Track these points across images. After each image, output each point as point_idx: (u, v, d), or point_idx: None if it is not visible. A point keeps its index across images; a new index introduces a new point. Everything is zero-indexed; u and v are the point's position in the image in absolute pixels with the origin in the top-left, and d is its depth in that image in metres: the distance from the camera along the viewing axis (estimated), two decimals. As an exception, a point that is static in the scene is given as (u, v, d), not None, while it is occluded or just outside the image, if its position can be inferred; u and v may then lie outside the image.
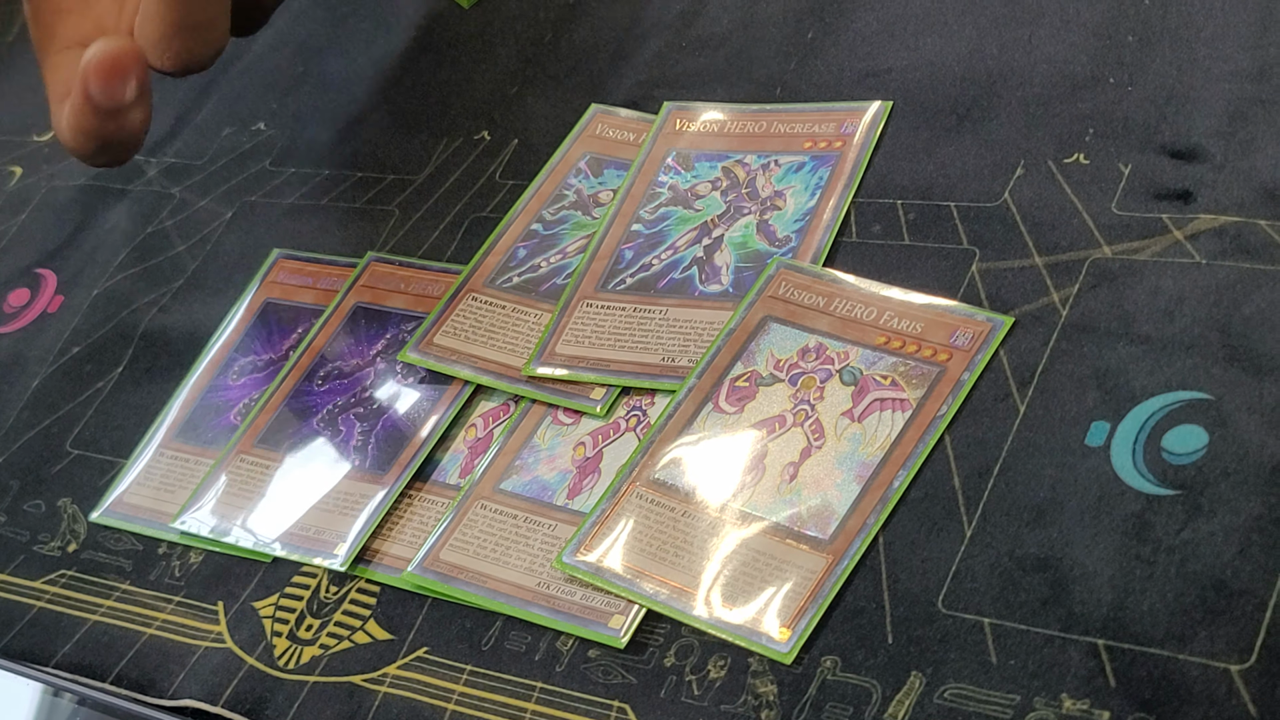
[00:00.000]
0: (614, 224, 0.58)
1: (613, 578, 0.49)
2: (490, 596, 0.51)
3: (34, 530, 0.63)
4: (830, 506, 0.48)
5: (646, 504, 0.51)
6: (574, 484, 0.53)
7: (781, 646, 0.46)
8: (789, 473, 0.49)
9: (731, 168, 0.59)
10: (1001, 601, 0.44)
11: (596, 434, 0.54)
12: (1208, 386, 0.45)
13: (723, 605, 0.48)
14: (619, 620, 0.49)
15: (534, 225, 0.60)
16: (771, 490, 0.49)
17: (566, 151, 0.63)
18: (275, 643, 0.54)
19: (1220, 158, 0.51)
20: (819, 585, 0.47)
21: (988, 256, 0.52)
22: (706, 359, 0.53)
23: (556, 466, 0.53)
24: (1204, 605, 0.42)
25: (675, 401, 0.53)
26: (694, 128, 0.61)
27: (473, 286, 0.59)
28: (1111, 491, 0.45)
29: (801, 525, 0.48)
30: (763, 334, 0.53)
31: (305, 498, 0.57)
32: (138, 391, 0.66)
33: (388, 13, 0.76)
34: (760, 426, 0.51)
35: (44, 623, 0.59)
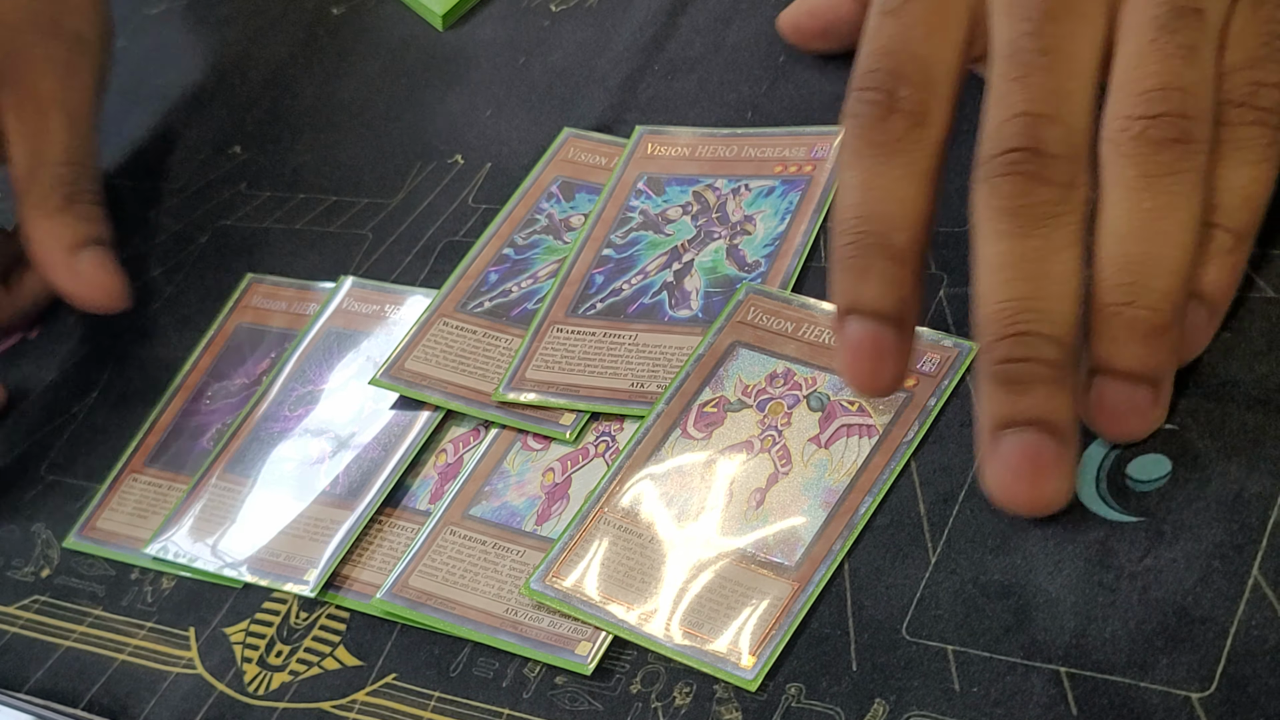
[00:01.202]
0: (585, 248, 0.59)
1: (580, 604, 0.49)
2: (458, 623, 0.51)
3: (8, 556, 0.63)
4: (796, 533, 0.48)
5: (614, 530, 0.51)
6: (542, 510, 0.53)
7: (747, 674, 0.46)
8: (756, 499, 0.50)
9: (702, 192, 0.59)
10: (965, 628, 0.44)
11: (565, 459, 0.54)
12: (1171, 415, 0.46)
13: (689, 632, 0.48)
14: (585, 647, 0.49)
15: (505, 250, 0.60)
16: (738, 517, 0.49)
17: (538, 176, 0.63)
18: (245, 668, 0.54)
19: (1186, 183, 0.51)
20: (784, 612, 0.47)
21: (955, 281, 0.52)
22: (675, 384, 0.53)
23: (525, 492, 0.54)
24: (1166, 632, 0.42)
25: (644, 427, 0.53)
26: (665, 152, 0.61)
27: (444, 311, 0.59)
28: (1075, 518, 0.45)
29: (768, 552, 0.48)
30: (731, 359, 0.53)
31: (275, 523, 0.57)
32: (113, 416, 0.66)
33: (362, 36, 0.76)
34: (728, 452, 0.51)
35: (17, 648, 0.59)
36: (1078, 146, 0.43)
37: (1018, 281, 0.42)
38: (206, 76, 0.78)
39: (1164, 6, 0.44)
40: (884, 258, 0.44)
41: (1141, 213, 0.42)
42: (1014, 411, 0.43)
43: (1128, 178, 0.42)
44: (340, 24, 0.77)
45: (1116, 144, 0.43)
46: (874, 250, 0.44)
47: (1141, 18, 0.44)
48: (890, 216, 0.44)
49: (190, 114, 0.77)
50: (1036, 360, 0.42)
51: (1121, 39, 0.44)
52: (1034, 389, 0.42)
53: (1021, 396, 0.42)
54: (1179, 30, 0.43)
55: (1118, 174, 0.42)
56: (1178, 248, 0.42)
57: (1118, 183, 0.42)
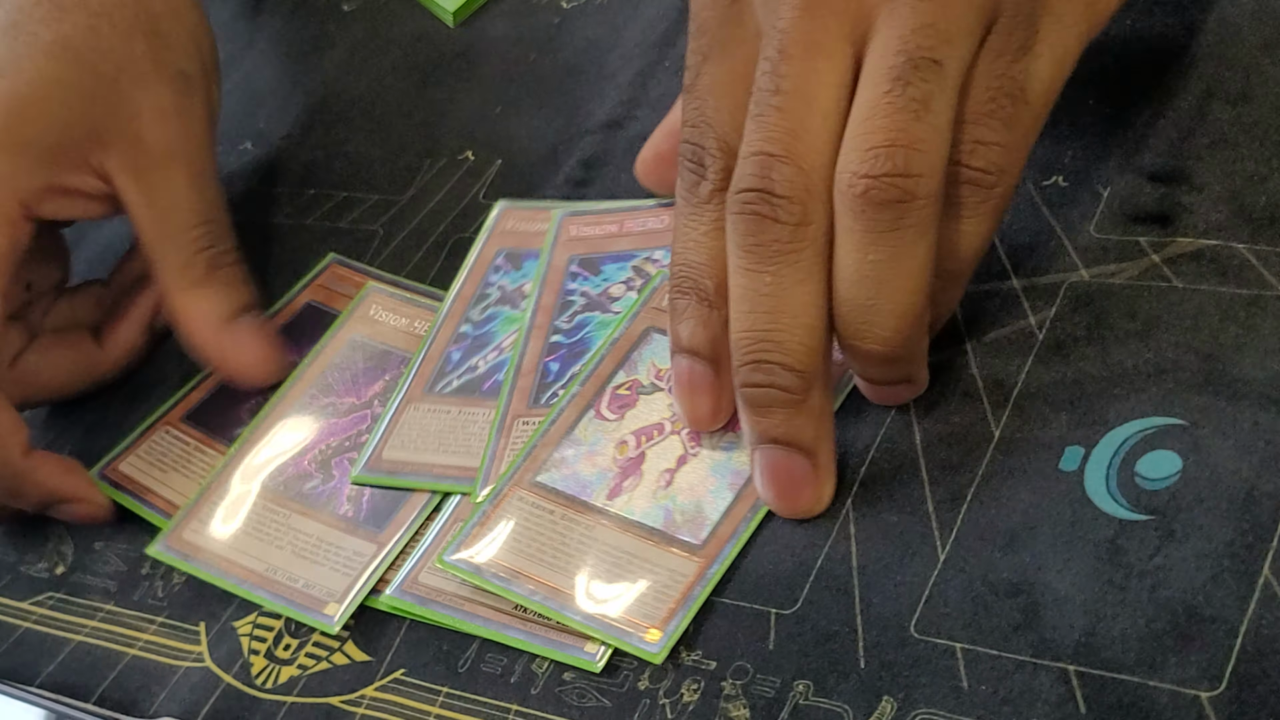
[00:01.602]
0: (531, 338, 0.57)
1: (491, 576, 0.50)
2: (467, 619, 0.51)
3: (21, 551, 0.63)
4: (703, 512, 0.50)
5: (527, 506, 0.52)
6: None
7: (652, 647, 0.47)
8: (665, 479, 0.51)
9: (642, 265, 0.58)
10: (974, 626, 0.44)
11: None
12: (1182, 412, 0.45)
13: (596, 606, 0.49)
14: (594, 645, 0.49)
15: (463, 328, 0.60)
16: (648, 495, 0.51)
17: (480, 251, 0.62)
18: (253, 661, 0.54)
19: (1200, 180, 0.51)
20: (689, 588, 0.48)
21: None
22: (590, 367, 0.54)
23: None
24: (1175, 631, 0.42)
25: (558, 408, 0.54)
26: (592, 232, 0.60)
27: (412, 397, 0.58)
28: (1085, 516, 0.45)
29: (675, 530, 0.50)
30: (645, 344, 0.54)
31: (289, 540, 0.56)
32: (131, 411, 0.66)
33: (373, 32, 0.76)
34: (639, 433, 0.52)
35: (30, 643, 0.59)
36: (811, 186, 0.45)
37: (756, 314, 0.46)
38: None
39: (901, 56, 0.45)
40: (696, 301, 0.48)
41: (868, 264, 0.45)
42: (761, 430, 0.47)
43: (855, 232, 0.45)
44: (351, 20, 0.77)
45: (844, 198, 0.45)
46: (689, 295, 0.48)
47: (880, 65, 0.45)
48: (700, 265, 0.48)
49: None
50: (773, 386, 0.46)
51: (861, 85, 0.46)
52: (774, 412, 0.47)
53: (765, 418, 0.47)
54: (913, 83, 0.44)
55: (847, 226, 0.45)
56: (904, 293, 0.45)
57: (847, 234, 0.45)
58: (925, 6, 0.45)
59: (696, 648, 0.48)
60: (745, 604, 0.48)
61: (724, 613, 0.48)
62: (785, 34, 0.46)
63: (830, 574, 0.47)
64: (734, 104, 0.48)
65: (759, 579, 0.48)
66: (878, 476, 0.49)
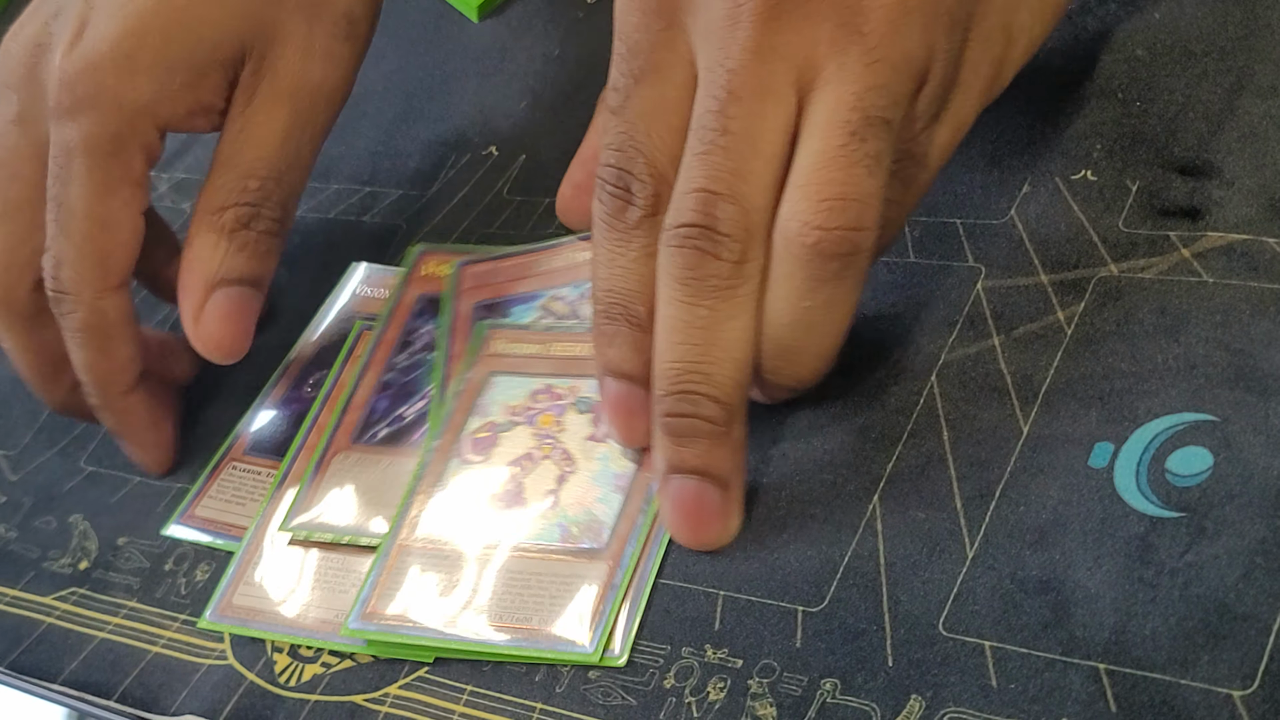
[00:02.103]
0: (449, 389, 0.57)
1: (406, 630, 0.51)
2: (447, 639, 0.51)
3: (45, 547, 0.63)
4: (597, 518, 0.51)
5: (420, 557, 0.52)
6: None
7: (586, 648, 0.48)
8: (550, 500, 0.52)
9: (549, 304, 0.58)
10: (1003, 624, 0.44)
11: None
12: (1213, 408, 0.45)
13: (519, 629, 0.49)
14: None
15: (386, 376, 0.59)
16: (538, 519, 0.51)
17: (400, 298, 0.61)
18: (276, 659, 0.54)
19: (1229, 174, 0.50)
20: (607, 587, 0.49)
21: (993, 274, 0.52)
22: (442, 422, 0.55)
23: None
24: (1207, 629, 0.41)
25: (421, 464, 0.54)
26: (494, 278, 0.60)
27: (339, 446, 0.58)
28: (1115, 513, 0.44)
29: (575, 541, 0.50)
30: (489, 389, 0.55)
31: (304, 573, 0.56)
32: (196, 456, 0.66)
33: (396, 26, 0.76)
34: (511, 465, 0.53)
35: (52, 640, 0.59)
36: (753, 226, 0.46)
37: (686, 345, 0.46)
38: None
39: (856, 113, 0.45)
40: (627, 326, 0.48)
41: (803, 309, 0.46)
42: (678, 460, 0.48)
43: (796, 278, 0.46)
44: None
45: (791, 245, 0.46)
46: (619, 320, 0.49)
47: (834, 119, 0.45)
48: (631, 292, 0.48)
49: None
50: (698, 417, 0.47)
51: (808, 134, 0.46)
52: (696, 442, 0.47)
53: (684, 448, 0.48)
54: (868, 139, 0.45)
55: (788, 271, 0.46)
56: (830, 338, 0.48)
57: (787, 279, 0.46)
58: (878, 68, 0.45)
59: (723, 645, 0.47)
60: (772, 601, 0.47)
61: (750, 610, 0.48)
62: (734, 75, 0.46)
63: (858, 571, 0.47)
64: (665, 129, 0.48)
65: (785, 576, 0.48)
66: (905, 473, 0.48)
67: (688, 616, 0.48)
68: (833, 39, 0.46)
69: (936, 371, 0.50)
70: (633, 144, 0.48)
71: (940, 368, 0.50)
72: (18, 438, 0.68)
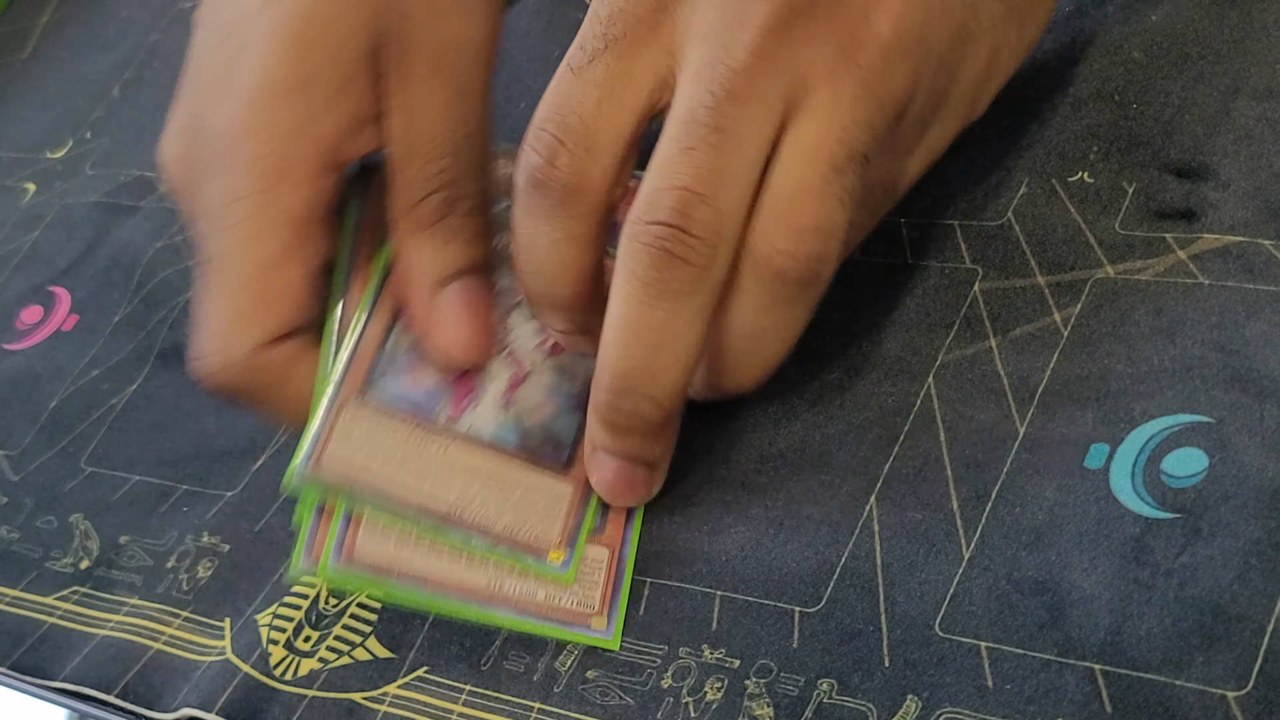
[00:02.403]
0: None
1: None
2: (436, 596, 0.51)
3: (46, 547, 0.63)
4: (556, 434, 0.51)
5: (367, 424, 0.52)
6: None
7: (560, 568, 0.50)
8: (505, 399, 0.52)
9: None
10: (999, 625, 0.44)
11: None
12: (1208, 409, 0.45)
13: (483, 529, 0.50)
14: (600, 621, 0.49)
15: None
16: (491, 415, 0.52)
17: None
18: (271, 650, 0.54)
19: (1225, 176, 0.51)
20: (574, 508, 0.50)
21: (990, 276, 0.52)
22: (375, 282, 0.54)
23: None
24: (1202, 630, 0.41)
25: (356, 328, 0.53)
26: None
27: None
28: (1110, 514, 0.44)
29: (533, 452, 0.51)
30: None
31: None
32: (151, 409, 0.66)
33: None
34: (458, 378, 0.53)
35: (54, 639, 0.60)
36: (724, 232, 0.45)
37: (637, 347, 0.46)
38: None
39: (841, 147, 0.45)
40: (552, 308, 0.49)
41: (757, 325, 0.47)
42: (612, 446, 0.48)
43: (758, 296, 0.47)
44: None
45: (759, 266, 0.46)
46: (543, 300, 0.49)
47: (820, 149, 0.45)
48: (552, 275, 0.48)
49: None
50: (637, 414, 0.47)
51: (791, 158, 0.46)
52: (631, 436, 0.48)
53: (620, 438, 0.48)
54: (847, 175, 0.46)
55: (750, 288, 0.47)
56: (776, 353, 0.48)
57: (748, 294, 0.47)
58: (867, 103, 0.45)
59: (720, 645, 0.47)
60: (769, 602, 0.48)
61: (748, 610, 0.48)
62: (735, 75, 0.45)
63: (854, 572, 0.47)
64: (618, 107, 0.47)
65: (783, 577, 0.48)
66: (902, 474, 0.49)
67: (685, 616, 0.49)
68: (830, 64, 0.45)
69: (933, 373, 0.51)
70: (576, 112, 0.46)
71: (937, 369, 0.51)
72: (19, 438, 0.68)
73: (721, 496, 0.51)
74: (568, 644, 0.49)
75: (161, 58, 0.80)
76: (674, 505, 0.51)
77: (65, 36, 0.88)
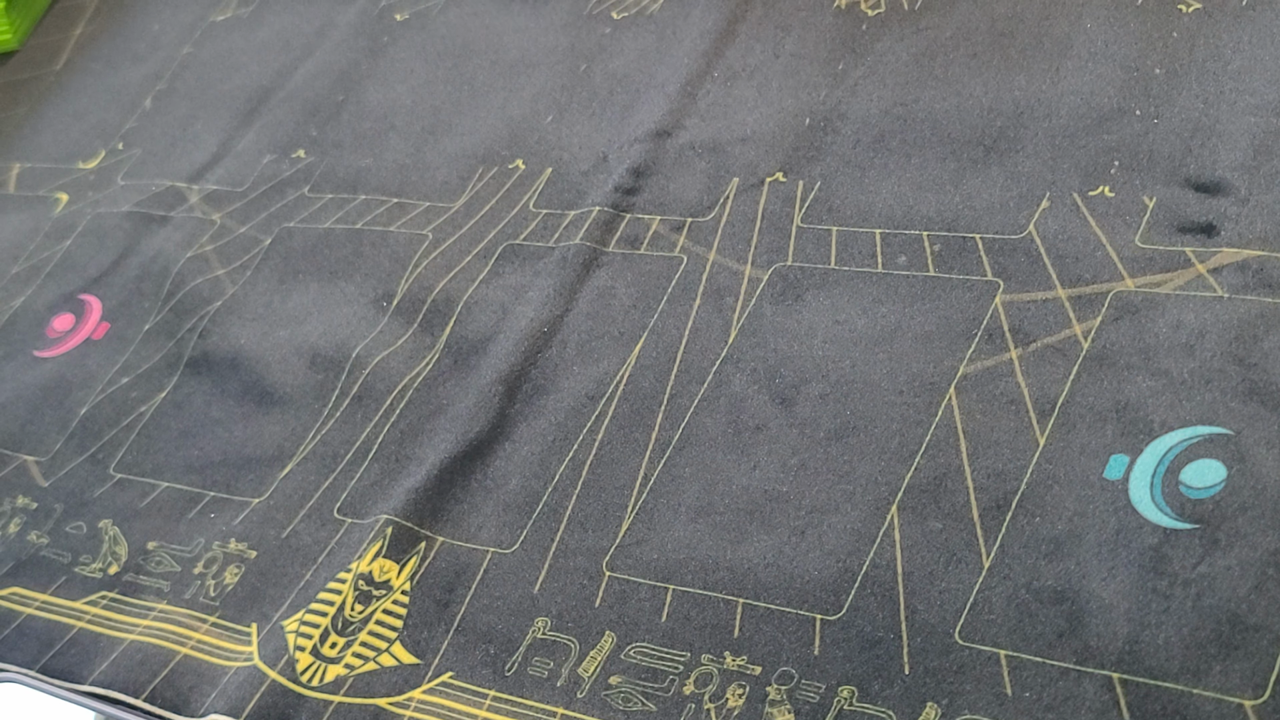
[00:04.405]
0: None
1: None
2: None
3: (76, 552, 0.64)
4: None
5: None
6: None
7: None
8: None
9: None
10: (1018, 633, 0.44)
11: None
12: (1227, 421, 0.45)
13: None
14: None
15: None
16: None
17: None
18: (298, 657, 0.54)
19: (1244, 191, 0.51)
20: None
21: (1012, 288, 0.52)
22: None
23: None
24: (1219, 639, 0.42)
25: None
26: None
27: None
28: (1129, 525, 0.45)
29: None
30: None
31: None
32: (179, 416, 0.67)
33: (426, 43, 0.77)
34: None
35: (83, 642, 0.60)
36: None
37: None
38: (271, 82, 0.79)
39: None
40: None
41: None
42: None
43: None
44: (404, 30, 0.78)
45: None
46: None
47: None
48: None
49: (255, 119, 0.78)
50: None
51: None
52: None
53: None
54: None
55: None
56: None
57: None
58: None
59: (742, 652, 0.48)
60: (791, 610, 0.48)
61: (769, 618, 0.48)
62: None
63: (875, 580, 0.47)
64: None
65: (804, 585, 0.48)
66: (923, 484, 0.49)
67: (707, 624, 0.49)
68: None
69: (955, 384, 0.51)
70: None
71: (959, 380, 0.51)
72: (49, 444, 0.69)
73: (744, 506, 0.51)
74: (590, 650, 0.50)
75: (193, 70, 0.81)
76: (697, 514, 0.52)
77: (98, 49, 0.89)
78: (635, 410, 0.56)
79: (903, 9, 0.63)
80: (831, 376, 0.53)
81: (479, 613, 0.53)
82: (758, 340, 0.56)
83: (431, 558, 0.56)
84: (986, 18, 0.61)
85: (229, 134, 0.78)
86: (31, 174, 0.82)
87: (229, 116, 0.79)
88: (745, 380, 0.55)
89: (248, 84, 0.81)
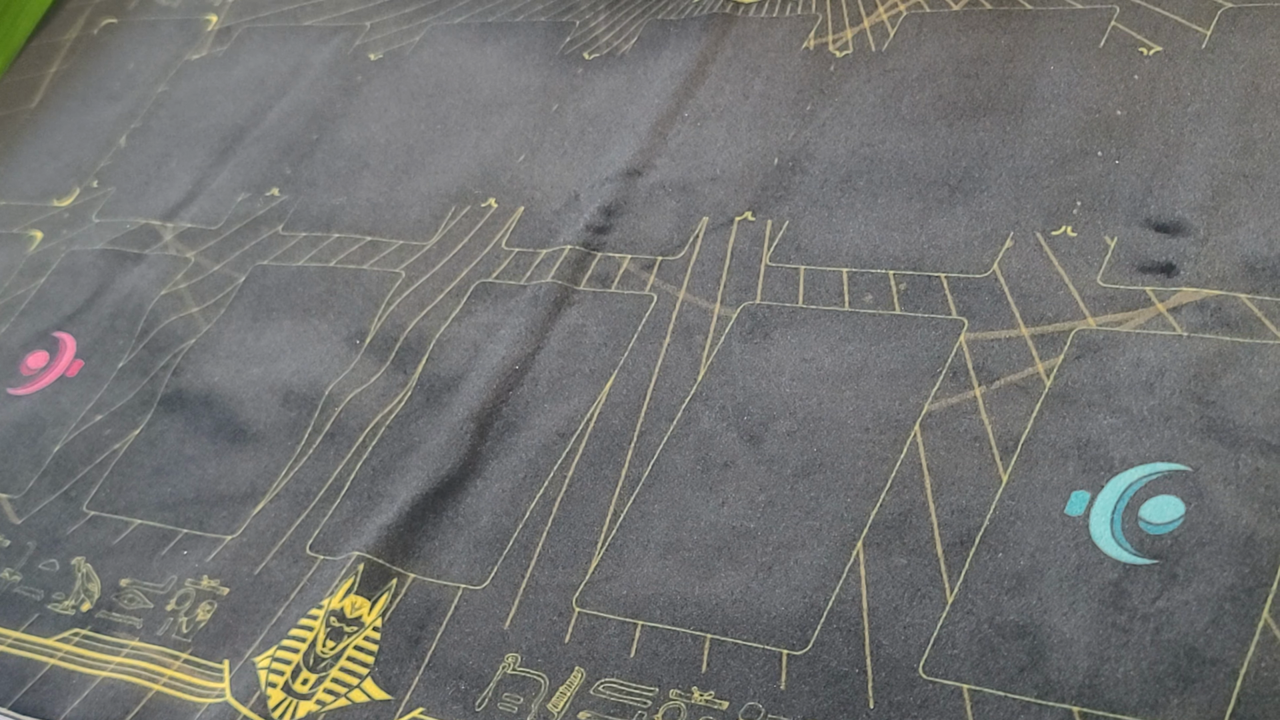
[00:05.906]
0: None
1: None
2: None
3: (48, 589, 0.64)
4: None
5: None
6: None
7: None
8: None
9: None
10: (981, 668, 0.45)
11: None
12: (1186, 458, 0.46)
13: None
14: None
15: None
16: None
17: None
18: (270, 694, 0.55)
19: (1203, 231, 0.52)
20: None
21: (976, 327, 0.53)
22: None
23: None
24: (1177, 673, 0.42)
25: None
26: None
27: None
28: (1090, 560, 0.45)
29: None
30: None
31: None
32: (153, 453, 0.67)
33: (400, 82, 0.77)
34: None
35: (55, 679, 0.60)
36: None
37: None
38: (246, 121, 0.80)
39: None
40: None
41: None
42: None
43: None
44: (378, 69, 0.79)
45: None
46: None
47: None
48: None
49: (229, 158, 0.79)
50: None
51: None
52: None
53: None
54: None
55: None
56: None
57: None
58: None
59: (710, 687, 0.48)
60: (758, 645, 0.49)
61: (736, 653, 0.49)
62: None
63: (841, 616, 0.48)
64: None
65: (771, 620, 0.49)
66: (888, 520, 0.50)
67: (675, 659, 0.49)
68: None
69: (920, 421, 0.52)
70: None
71: (924, 417, 0.52)
72: (22, 482, 0.69)
73: (712, 542, 0.52)
74: (559, 686, 0.50)
75: (168, 109, 0.82)
76: (665, 550, 0.52)
77: (73, 87, 0.89)
78: (605, 447, 0.57)
79: (870, 50, 0.64)
80: (799, 414, 0.54)
81: (450, 649, 0.53)
82: (726, 378, 0.56)
83: (403, 594, 0.56)
84: (952, 60, 0.62)
85: (203, 172, 0.79)
86: (6, 211, 0.83)
87: (203, 155, 0.79)
88: (714, 417, 0.55)
89: (222, 122, 0.81)
